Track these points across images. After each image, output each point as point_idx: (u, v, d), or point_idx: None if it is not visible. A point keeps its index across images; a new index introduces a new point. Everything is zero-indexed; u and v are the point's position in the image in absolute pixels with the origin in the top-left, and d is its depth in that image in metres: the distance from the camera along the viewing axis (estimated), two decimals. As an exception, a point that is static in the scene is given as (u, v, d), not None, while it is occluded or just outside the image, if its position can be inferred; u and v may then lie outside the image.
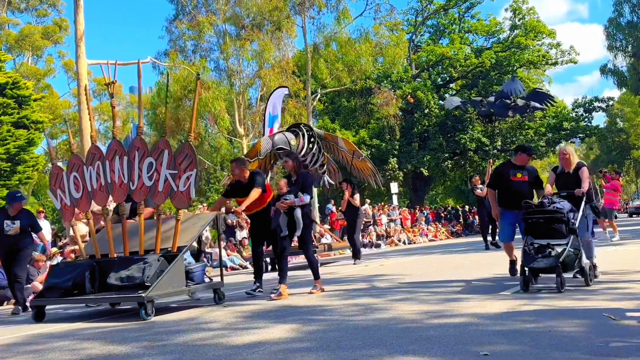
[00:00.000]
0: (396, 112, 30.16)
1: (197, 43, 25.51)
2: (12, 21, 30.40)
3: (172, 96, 25.02)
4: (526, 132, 34.72)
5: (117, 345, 4.49)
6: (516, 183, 6.75)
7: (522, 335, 3.84)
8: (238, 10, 25.51)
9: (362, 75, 29.05)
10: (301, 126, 12.92)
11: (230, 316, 5.65)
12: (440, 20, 38.07)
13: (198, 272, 6.87)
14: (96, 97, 33.50)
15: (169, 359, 3.90)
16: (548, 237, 5.96)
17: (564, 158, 6.58)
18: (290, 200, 6.90)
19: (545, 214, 5.95)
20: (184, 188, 6.27)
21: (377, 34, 28.06)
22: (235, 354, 3.87)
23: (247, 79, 26.16)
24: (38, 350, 4.49)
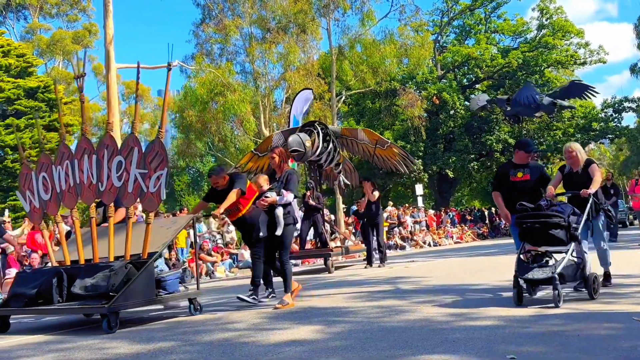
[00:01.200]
0: (421, 113, 30.01)
1: (223, 46, 25.80)
2: (44, 26, 31.18)
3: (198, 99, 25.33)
4: (554, 133, 34.21)
5: (144, 344, 4.58)
6: (517, 184, 6.21)
7: (549, 338, 3.81)
8: (264, 13, 25.71)
9: (387, 76, 29.01)
10: (315, 124, 12.41)
11: (255, 317, 5.71)
12: (466, 20, 37.75)
13: (171, 280, 6.29)
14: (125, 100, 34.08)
15: (195, 357, 3.96)
16: (545, 244, 5.39)
17: (570, 156, 6.01)
18: (271, 198, 6.37)
19: (541, 218, 5.29)
20: (154, 189, 5.79)
21: (402, 35, 28.00)
22: (260, 353, 3.91)
23: (272, 81, 26.34)
24: (65, 349, 4.58)
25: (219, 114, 25.67)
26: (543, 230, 5.25)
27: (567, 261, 5.14)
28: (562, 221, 5.19)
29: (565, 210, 5.27)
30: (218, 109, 25.41)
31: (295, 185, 6.49)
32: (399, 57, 28.98)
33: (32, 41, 29.46)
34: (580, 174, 5.89)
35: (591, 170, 5.81)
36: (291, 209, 6.48)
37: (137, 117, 6.73)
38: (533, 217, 5.32)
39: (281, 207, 6.36)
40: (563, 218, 5.19)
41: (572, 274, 5.20)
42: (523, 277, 5.14)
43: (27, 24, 30.93)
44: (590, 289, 5.28)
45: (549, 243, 5.35)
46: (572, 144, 6.10)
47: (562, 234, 5.20)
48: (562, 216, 5.20)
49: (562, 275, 5.01)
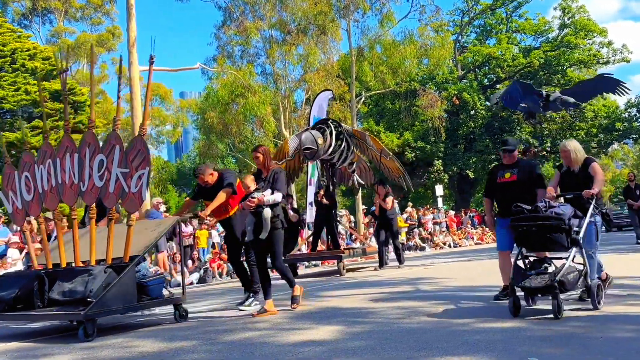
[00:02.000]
0: (441, 113, 29.90)
1: (244, 48, 26.01)
2: (69, 30, 31.71)
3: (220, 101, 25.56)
4: (577, 133, 33.80)
5: (167, 343, 4.66)
6: (504, 185, 5.75)
7: (570, 340, 3.79)
8: (284, 15, 25.84)
9: (407, 77, 28.95)
10: (329, 122, 11.94)
11: (277, 317, 5.76)
12: (487, 20, 37.48)
13: (154, 285, 5.93)
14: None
15: (216, 357, 4.02)
16: (544, 249, 5.03)
17: (565, 155, 5.45)
18: (258, 197, 5.93)
19: (539, 221, 4.81)
20: (135, 189, 5.48)
21: (422, 35, 27.90)
22: (280, 353, 3.96)
23: (292, 82, 26.47)
24: (91, 347, 4.68)
25: (239, 116, 25.88)
26: (540, 235, 4.82)
27: (568, 268, 4.68)
28: (562, 224, 4.72)
29: (566, 213, 4.78)
30: (239, 110, 25.62)
31: (284, 184, 6.08)
32: (419, 58, 28.89)
33: (57, 44, 30.00)
34: (577, 173, 5.38)
35: (592, 170, 5.30)
36: (280, 212, 6.07)
37: (118, 112, 6.25)
38: (530, 219, 4.86)
39: (269, 208, 5.94)
40: (563, 221, 4.72)
41: (574, 282, 4.71)
42: (520, 285, 4.73)
43: (52, 27, 31.57)
44: (594, 298, 4.82)
45: (547, 248, 4.99)
46: (567, 142, 5.54)
47: (561, 239, 4.75)
48: (562, 219, 4.73)
49: (563, 283, 4.56)
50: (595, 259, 5.21)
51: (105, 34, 32.19)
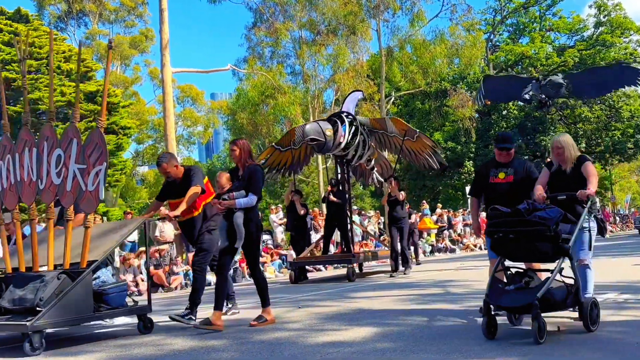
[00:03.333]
0: (472, 114, 29.57)
1: (274, 49, 26.18)
2: (103, 32, 32.40)
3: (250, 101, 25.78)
4: (612, 133, 33.04)
5: (199, 341, 4.73)
6: (498, 186, 5.12)
7: (606, 345, 3.74)
8: (314, 16, 25.92)
9: (437, 77, 28.75)
10: (342, 115, 10.98)
11: (306, 317, 5.79)
12: (520, 18, 36.96)
13: (115, 293, 5.40)
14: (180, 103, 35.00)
15: (246, 356, 4.06)
16: (527, 260, 4.39)
17: (558, 152, 4.80)
18: (229, 200, 5.30)
19: (518, 226, 4.09)
20: (92, 187, 5.01)
21: (453, 34, 27.70)
22: (309, 353, 3.98)
23: (322, 83, 26.54)
24: (125, 345, 4.78)
25: (269, 116, 26.07)
26: (521, 242, 4.11)
27: (554, 282, 4.01)
28: (547, 230, 3.98)
29: (553, 217, 4.05)
30: (269, 111, 25.82)
31: (260, 185, 5.42)
32: (450, 57, 28.69)
33: (91, 47, 30.71)
34: (569, 173, 4.76)
35: (585, 170, 4.66)
36: (254, 214, 5.43)
37: (77, 103, 5.72)
38: (508, 225, 4.15)
39: (242, 212, 5.30)
40: (548, 227, 3.98)
41: (562, 299, 4.02)
42: (495, 303, 4.01)
43: (87, 30, 32.31)
44: (586, 318, 4.07)
45: (529, 258, 4.34)
46: (561, 138, 4.90)
47: (546, 247, 4.04)
48: (547, 224, 3.99)
49: (547, 300, 3.88)
50: (592, 270, 4.66)
51: (138, 36, 32.81)
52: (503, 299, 4.04)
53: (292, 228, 12.42)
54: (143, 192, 34.04)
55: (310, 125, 10.47)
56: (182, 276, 12.43)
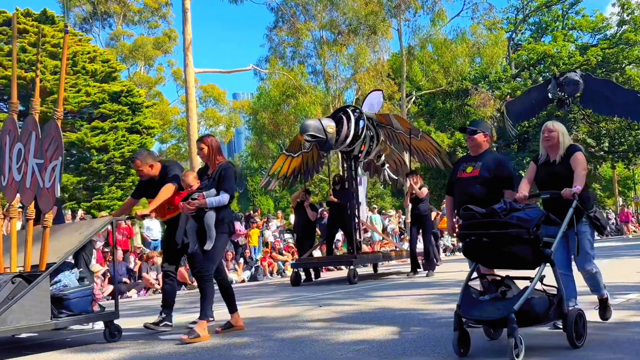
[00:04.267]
0: (494, 113, 29.34)
1: (295, 49, 26.31)
2: (127, 33, 32.84)
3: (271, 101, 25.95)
4: (636, 132, 32.47)
5: (221, 339, 4.82)
6: (463, 181, 4.64)
7: (629, 346, 3.71)
8: (335, 15, 25.99)
9: (459, 76, 28.59)
10: (348, 110, 10.30)
11: (327, 316, 5.83)
12: (542, 17, 36.55)
13: (77, 299, 5.04)
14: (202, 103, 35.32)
15: (268, 353, 4.13)
16: (503, 266, 3.91)
17: (549, 137, 4.31)
18: (199, 200, 5.02)
19: (491, 229, 3.65)
20: (49, 183, 4.73)
21: (474, 33, 27.55)
22: (330, 351, 4.03)
23: (342, 82, 26.58)
24: (148, 342, 4.87)
25: (290, 116, 26.18)
26: (495, 247, 3.65)
27: (533, 292, 3.57)
28: (525, 233, 3.54)
29: (532, 218, 3.60)
30: (290, 110, 25.95)
31: (232, 182, 5.11)
32: (471, 56, 28.53)
33: (116, 47, 31.12)
34: (557, 165, 4.26)
35: (574, 161, 4.15)
36: (227, 214, 5.13)
37: (37, 94, 5.35)
38: (482, 226, 3.70)
39: (213, 212, 5.00)
40: (527, 229, 3.54)
41: (543, 311, 3.58)
42: (467, 315, 3.58)
43: (111, 31, 32.75)
44: (571, 332, 3.60)
45: (506, 264, 3.84)
46: (554, 123, 4.40)
47: (525, 252, 3.59)
48: (526, 226, 3.55)
49: (526, 313, 3.46)
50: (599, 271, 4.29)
51: (161, 37, 33.16)
52: (475, 311, 3.60)
53: (298, 229, 11.74)
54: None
55: (310, 121, 9.85)
56: (204, 274, 12.61)
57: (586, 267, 4.24)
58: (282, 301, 7.55)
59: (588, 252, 4.23)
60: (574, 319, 3.64)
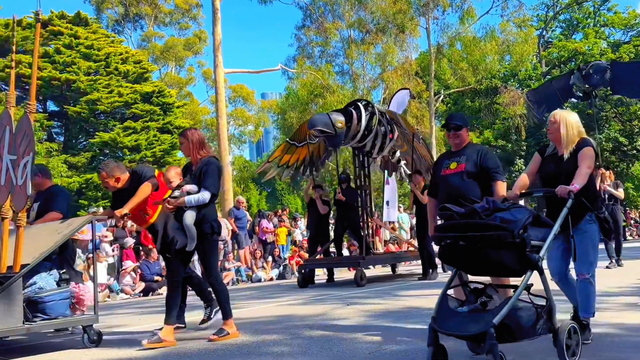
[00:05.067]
0: (523, 111, 28.98)
1: (323, 49, 26.41)
2: (158, 34, 33.41)
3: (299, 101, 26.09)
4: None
5: (251, 336, 4.89)
6: (448, 178, 4.25)
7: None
8: (363, 14, 26.00)
9: (488, 74, 28.34)
10: (359, 104, 9.67)
11: (355, 314, 5.85)
12: (573, 14, 35.93)
13: (53, 302, 4.81)
14: (231, 103, 35.67)
15: (296, 350, 4.17)
16: (484, 273, 3.50)
17: (552, 129, 3.87)
18: (179, 199, 4.69)
19: (468, 231, 3.22)
20: (21, 180, 4.53)
21: (504, 31, 27.27)
22: (358, 350, 4.04)
23: (370, 82, 26.58)
24: (178, 338, 4.90)
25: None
26: (475, 251, 3.22)
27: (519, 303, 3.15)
28: (508, 236, 3.08)
29: (518, 219, 3.15)
30: (317, 110, 26.04)
31: (215, 179, 4.75)
32: (501, 54, 28.22)
33: (147, 48, 31.71)
34: (567, 160, 3.78)
35: (580, 157, 3.71)
36: (210, 212, 4.78)
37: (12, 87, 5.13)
38: (458, 228, 3.29)
39: (193, 211, 4.69)
40: (511, 231, 3.08)
41: (529, 324, 3.14)
42: (442, 329, 3.18)
43: (143, 32, 33.37)
44: (562, 349, 3.17)
45: (487, 271, 3.46)
46: (558, 112, 3.92)
47: (509, 257, 3.15)
48: (510, 228, 3.09)
49: (507, 327, 3.02)
50: (593, 286, 3.77)
51: (192, 38, 33.63)
52: (451, 324, 3.17)
53: (311, 226, 11.01)
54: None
55: (318, 115, 9.30)
56: (233, 272, 12.81)
57: (582, 271, 3.73)
58: (310, 299, 7.60)
59: (589, 254, 3.72)
60: (566, 334, 3.20)
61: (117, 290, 11.25)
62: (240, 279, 12.98)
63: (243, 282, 12.94)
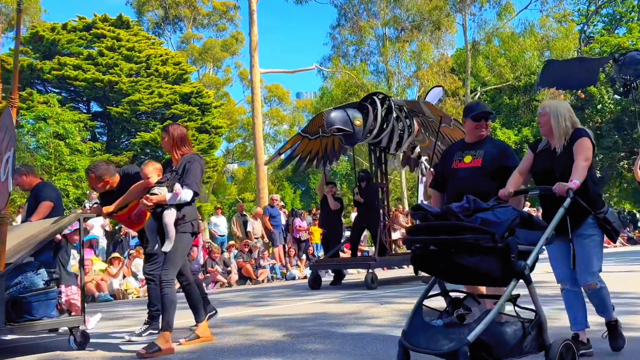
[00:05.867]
0: (564, 108, 28.41)
1: (358, 47, 26.47)
2: (197, 36, 34.01)
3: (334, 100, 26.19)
4: None
5: (285, 332, 4.99)
6: (460, 173, 3.90)
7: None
8: (398, 12, 25.94)
9: (527, 70, 27.88)
10: (374, 97, 9.28)
11: (389, 314, 5.87)
12: (616, 8, 34.95)
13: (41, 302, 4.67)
14: (267, 103, 36.08)
15: (329, 348, 4.22)
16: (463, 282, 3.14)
17: (541, 122, 3.52)
18: (158, 196, 4.41)
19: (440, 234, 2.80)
20: (3, 176, 4.36)
21: (543, 26, 26.82)
22: (392, 349, 4.00)
23: (405, 80, 26.51)
24: (215, 334, 4.99)
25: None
26: (449, 257, 2.79)
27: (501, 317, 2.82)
28: (488, 240, 2.65)
29: (502, 220, 2.75)
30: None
31: (197, 177, 4.49)
32: (540, 50, 27.76)
33: (186, 50, 32.33)
34: (560, 155, 3.42)
35: (575, 149, 3.33)
36: (188, 211, 4.48)
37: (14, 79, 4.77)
38: (430, 231, 2.87)
39: (173, 209, 4.42)
40: (490, 234, 2.66)
41: (515, 342, 2.73)
42: (412, 345, 2.81)
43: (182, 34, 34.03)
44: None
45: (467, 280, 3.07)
46: (547, 102, 3.62)
47: (490, 265, 2.70)
48: (489, 231, 2.67)
49: (486, 345, 2.63)
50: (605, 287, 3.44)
51: (229, 39, 34.11)
52: (423, 339, 2.79)
53: (323, 224, 10.78)
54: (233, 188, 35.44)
55: (336, 113, 8.84)
56: (268, 269, 13.04)
57: (588, 281, 3.39)
58: (343, 298, 7.64)
59: (593, 262, 3.37)
60: (559, 351, 2.79)
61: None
62: (275, 277, 13.21)
63: (278, 279, 13.14)
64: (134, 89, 22.14)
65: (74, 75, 21.24)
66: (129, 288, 10.84)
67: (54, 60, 21.44)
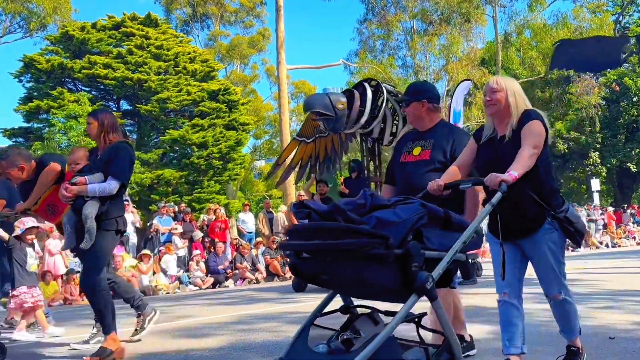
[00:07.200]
0: (598, 101, 27.65)
1: (385, 42, 26.23)
2: (224, 33, 34.20)
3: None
4: None
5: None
6: (408, 168, 3.34)
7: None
8: (426, 5, 25.61)
9: (560, 63, 27.20)
10: (364, 83, 8.44)
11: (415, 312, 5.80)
12: (653, -4, 33.90)
13: None
14: (293, 99, 36.06)
15: None
16: (357, 295, 2.55)
17: (491, 100, 2.90)
18: (79, 186, 3.93)
19: (316, 238, 2.28)
20: None
21: (576, 17, 26.21)
22: None
23: (433, 74, 26.16)
24: (244, 330, 5.10)
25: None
26: (333, 266, 2.29)
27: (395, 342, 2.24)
28: (379, 245, 2.08)
29: (403, 220, 2.19)
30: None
31: (125, 167, 4.04)
32: (574, 41, 27.07)
33: (214, 47, 32.51)
34: (507, 141, 2.86)
35: (524, 133, 2.77)
36: (112, 205, 4.02)
37: None
38: (306, 234, 2.37)
39: (95, 202, 3.94)
40: (385, 239, 2.09)
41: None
42: None
43: (209, 31, 34.24)
44: None
45: (361, 293, 2.52)
46: (500, 78, 3.04)
47: (382, 276, 2.17)
48: (383, 234, 2.11)
49: None
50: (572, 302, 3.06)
51: (256, 35, 34.20)
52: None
53: None
54: (260, 185, 35.56)
55: (315, 96, 8.19)
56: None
57: (552, 292, 3.03)
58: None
59: (554, 270, 2.96)
60: None
61: (186, 282, 11.62)
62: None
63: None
64: (162, 87, 22.30)
65: (104, 73, 21.50)
66: (159, 284, 10.91)
67: (84, 59, 21.73)
